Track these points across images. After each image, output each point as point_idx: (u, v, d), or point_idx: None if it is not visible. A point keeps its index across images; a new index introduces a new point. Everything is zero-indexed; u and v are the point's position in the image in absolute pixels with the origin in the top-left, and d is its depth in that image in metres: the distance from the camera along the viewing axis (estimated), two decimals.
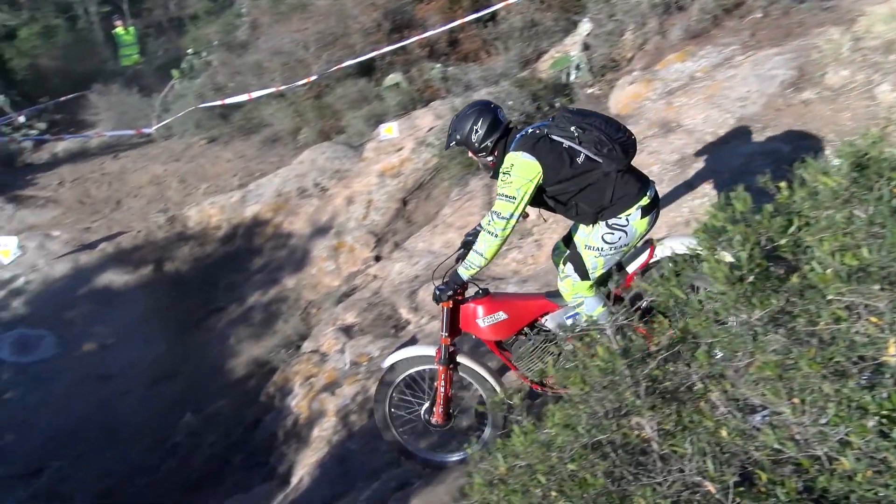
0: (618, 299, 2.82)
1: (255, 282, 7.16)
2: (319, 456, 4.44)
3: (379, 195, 7.04)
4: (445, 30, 8.87)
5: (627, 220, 3.35)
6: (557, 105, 6.67)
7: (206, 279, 7.41)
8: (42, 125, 12.29)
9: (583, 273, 3.41)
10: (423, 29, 9.01)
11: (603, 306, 3.33)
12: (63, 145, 11.76)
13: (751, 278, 1.92)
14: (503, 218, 3.31)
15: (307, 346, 5.73)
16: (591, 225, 3.44)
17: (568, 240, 3.68)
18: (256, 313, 6.80)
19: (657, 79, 5.87)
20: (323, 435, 4.71)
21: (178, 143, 10.53)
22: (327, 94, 9.21)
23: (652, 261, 3.47)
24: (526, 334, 3.61)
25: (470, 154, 3.60)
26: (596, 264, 3.39)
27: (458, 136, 3.52)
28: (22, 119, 12.21)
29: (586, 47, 6.82)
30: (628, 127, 3.47)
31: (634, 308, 2.53)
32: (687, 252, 2.95)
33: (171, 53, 18.06)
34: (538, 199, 3.43)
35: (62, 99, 13.33)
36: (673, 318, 2.27)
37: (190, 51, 12.76)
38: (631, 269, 3.50)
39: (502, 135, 3.47)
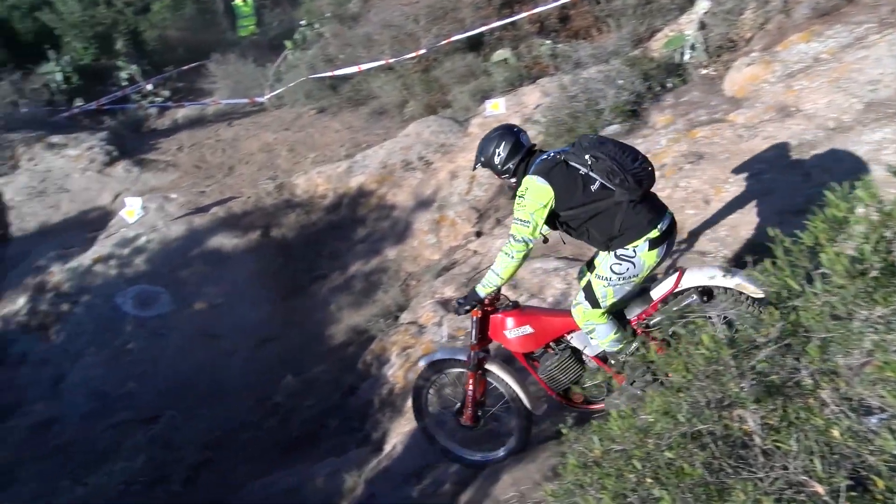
0: (636, 324, 3.39)
1: (358, 251, 7.33)
2: (412, 426, 4.54)
3: (482, 171, 7.03)
4: (556, 5, 8.71)
5: (635, 251, 3.36)
6: (669, 85, 6.46)
7: (310, 246, 7.64)
8: (166, 93, 12.95)
9: (593, 301, 3.45)
10: (534, 4, 8.88)
11: (615, 333, 3.45)
12: (183, 112, 12.36)
13: (874, 273, 1.82)
14: (518, 241, 3.42)
15: (405, 317, 5.84)
16: (604, 253, 3.49)
17: (591, 264, 3.70)
18: (357, 282, 6.98)
19: (777, 60, 5.58)
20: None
21: (289, 113, 10.85)
22: (435, 68, 9.25)
23: (678, 289, 3.44)
24: (552, 349, 3.71)
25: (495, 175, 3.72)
26: (605, 293, 3.42)
27: (483, 158, 3.67)
28: (149, 87, 12.92)
29: (702, 26, 6.56)
30: (647, 157, 3.48)
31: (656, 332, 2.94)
32: (707, 284, 3.31)
33: (285, 25, 18.56)
34: (554, 223, 3.52)
35: (184, 68, 13.98)
36: (784, 310, 2.18)
37: (303, 22, 13.07)
38: (656, 295, 3.51)
39: (523, 158, 3.55)
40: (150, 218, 7.92)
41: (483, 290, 3.61)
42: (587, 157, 3.39)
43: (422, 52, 9.19)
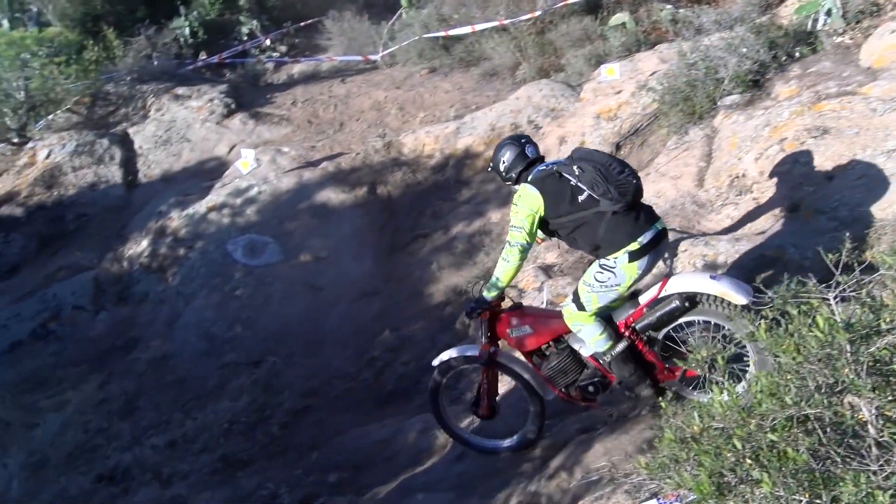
0: (626, 326, 3.64)
1: (461, 212, 7.36)
2: (507, 389, 4.56)
3: (592, 137, 6.89)
4: None
5: (615, 262, 3.54)
6: (797, 55, 6.08)
7: (414, 205, 7.73)
8: (283, 48, 13.32)
9: (579, 305, 3.66)
10: None
11: (601, 334, 3.67)
12: (299, 67, 12.67)
13: None
14: (513, 246, 3.70)
15: None
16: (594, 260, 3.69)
17: None
18: (459, 243, 7.01)
19: None
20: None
21: (401, 71, 10.92)
22: (550, 30, 9.07)
23: (661, 295, 3.60)
24: (553, 348, 3.96)
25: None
26: (589, 299, 3.62)
27: (492, 164, 4.05)
28: (267, 42, 13.32)
29: None
30: (632, 169, 3.66)
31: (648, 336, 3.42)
32: (691, 290, 3.49)
33: None
34: (547, 229, 3.79)
35: (301, 24, 14.29)
36: None
37: None
38: (643, 300, 3.68)
39: (525, 167, 3.82)
40: (262, 170, 8.21)
41: (488, 294, 3.92)
42: (575, 167, 3.60)
43: (538, 13, 9.03)
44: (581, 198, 3.58)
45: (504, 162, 3.93)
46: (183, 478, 4.98)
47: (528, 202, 3.67)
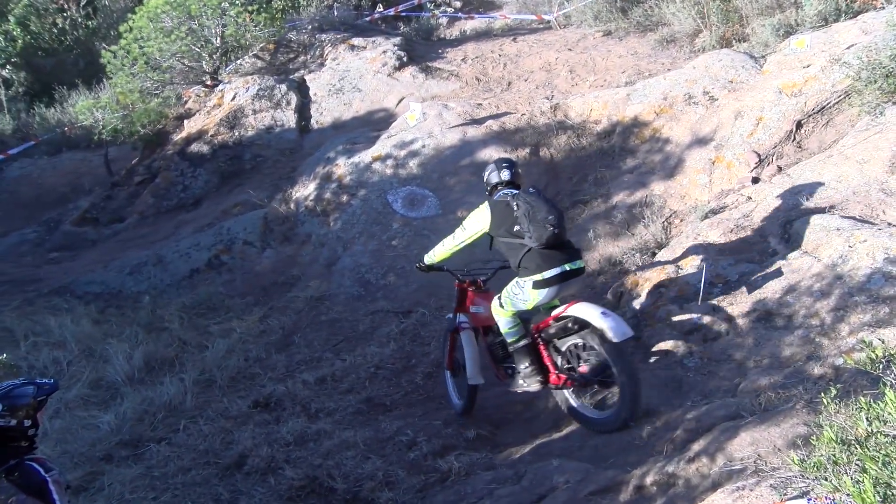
0: (537, 330, 4.54)
1: (623, 182, 7.16)
2: (656, 365, 4.45)
3: (771, 113, 6.45)
4: None
5: (524, 284, 4.41)
6: None
7: (577, 170, 7.60)
8: (458, 3, 13.41)
9: (500, 303, 4.59)
10: None
11: (511, 328, 4.57)
12: (472, 24, 12.71)
13: None
14: (455, 237, 4.83)
15: (663, 255, 5.65)
16: None
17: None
18: (619, 212, 6.84)
19: None
20: (663, 346, 4.68)
21: (574, 33, 10.68)
22: None
23: (563, 314, 4.36)
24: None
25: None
26: (505, 303, 4.56)
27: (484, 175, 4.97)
28: None
29: None
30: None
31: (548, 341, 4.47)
32: (581, 317, 4.24)
33: None
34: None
35: None
36: None
37: None
38: (554, 312, 4.45)
39: (495, 186, 4.75)
40: (428, 124, 8.36)
41: (427, 258, 5.13)
42: (521, 202, 4.43)
43: None
44: (516, 227, 4.43)
45: (486, 179, 4.89)
46: (329, 414, 5.25)
47: (480, 217, 4.65)
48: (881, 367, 2.08)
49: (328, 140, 9.24)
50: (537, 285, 4.34)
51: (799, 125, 6.28)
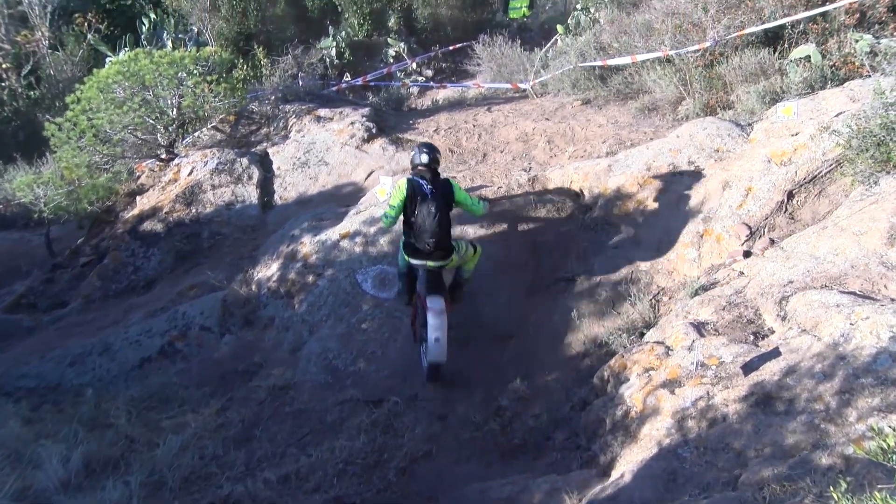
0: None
1: (608, 257, 7.30)
2: (646, 456, 4.46)
3: (761, 183, 6.69)
4: None
5: (402, 250, 6.70)
6: None
7: (558, 245, 7.74)
8: (429, 72, 13.84)
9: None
10: None
11: (399, 287, 7.09)
12: (444, 93, 13.09)
13: None
14: (386, 215, 6.60)
15: (652, 335, 5.74)
16: None
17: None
18: (603, 290, 6.96)
19: None
20: (654, 434, 4.70)
21: (552, 102, 11.04)
22: (720, 63, 8.94)
23: (420, 299, 6.52)
24: None
25: None
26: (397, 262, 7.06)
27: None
28: (414, 65, 13.87)
29: None
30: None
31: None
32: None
33: (558, 8, 18.96)
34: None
35: (450, 48, 14.80)
36: None
37: (579, 6, 13.24)
38: (418, 290, 6.69)
39: (416, 167, 6.67)
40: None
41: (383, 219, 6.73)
42: (422, 208, 6.34)
43: (707, 44, 8.91)
44: (414, 216, 6.36)
45: (410, 159, 6.85)
46: None
47: (398, 191, 6.44)
48: (895, 457, 2.10)
49: (293, 216, 9.34)
50: (411, 258, 6.60)
51: (790, 195, 6.51)
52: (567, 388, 6.10)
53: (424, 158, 6.61)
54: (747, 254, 6.29)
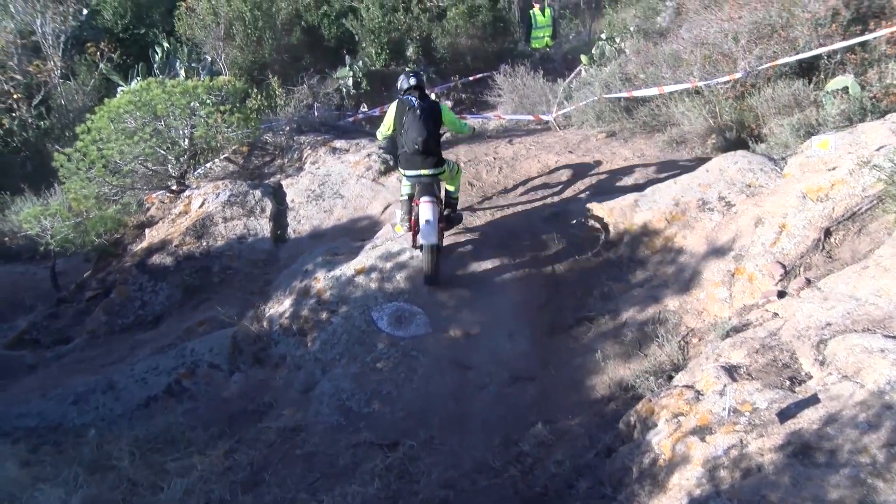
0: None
1: (633, 296, 7.25)
2: None
3: (796, 220, 6.63)
4: None
5: (401, 177, 8.26)
6: None
7: (581, 283, 7.70)
8: (448, 103, 13.96)
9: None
10: None
11: (405, 185, 8.27)
12: None
13: None
14: (380, 131, 8.25)
15: (680, 378, 5.66)
16: None
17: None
18: (629, 331, 6.89)
19: None
20: (684, 484, 4.61)
21: (575, 135, 11.06)
22: (751, 94, 8.93)
23: (416, 201, 7.89)
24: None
25: None
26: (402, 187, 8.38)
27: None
28: (433, 96, 13.96)
29: None
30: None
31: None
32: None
33: (582, 38, 19.13)
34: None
35: (470, 78, 14.91)
36: None
37: (603, 36, 13.34)
38: (414, 199, 8.01)
39: (404, 90, 7.85)
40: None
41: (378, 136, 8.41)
42: (414, 113, 7.57)
43: (738, 75, 8.91)
44: (403, 128, 7.68)
45: (398, 84, 8.01)
46: None
47: (389, 111, 7.96)
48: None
49: (306, 251, 9.36)
50: (407, 178, 8.01)
51: (828, 233, 6.44)
52: (591, 433, 6.01)
53: (413, 81, 7.83)
54: (782, 294, 6.21)
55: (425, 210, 7.62)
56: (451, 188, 8.41)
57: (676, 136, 9.66)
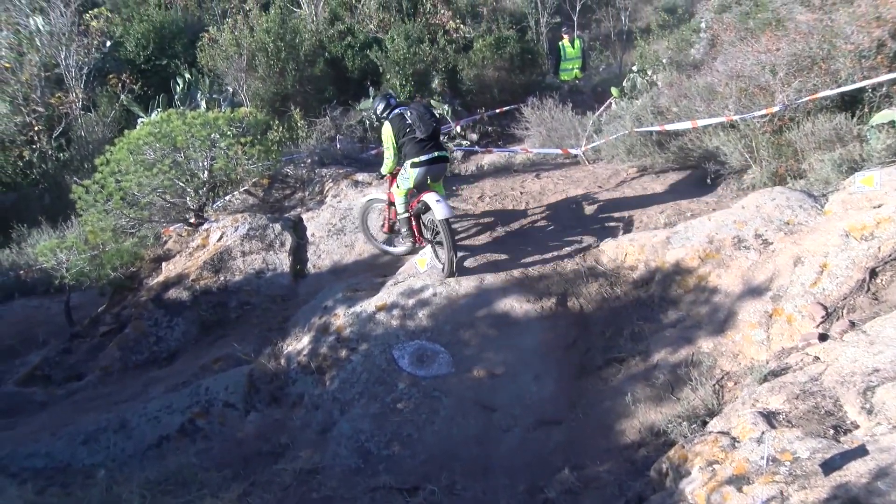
0: (410, 208, 8.96)
1: (665, 337, 7.15)
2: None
3: (838, 259, 6.52)
4: None
5: (406, 167, 8.64)
6: None
7: (610, 323, 7.62)
8: (474, 136, 13.97)
9: (398, 184, 8.96)
10: None
11: (402, 204, 8.97)
12: (489, 158, 13.17)
13: None
14: (388, 157, 8.88)
15: (715, 424, 5.54)
16: None
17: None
18: (660, 373, 6.79)
19: None
20: None
21: (605, 169, 11.04)
22: (790, 129, 8.85)
23: (420, 199, 8.70)
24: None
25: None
26: (399, 183, 8.93)
27: (372, 111, 10.08)
28: (458, 129, 14.03)
29: None
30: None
31: (414, 214, 8.99)
32: (427, 202, 8.53)
33: (612, 70, 19.20)
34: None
35: (497, 111, 14.96)
36: None
37: (634, 67, 13.36)
38: (417, 197, 8.84)
39: (389, 110, 8.91)
40: (437, 270, 8.48)
41: (383, 170, 9.15)
42: (411, 111, 8.60)
43: (776, 109, 8.84)
44: (409, 129, 8.55)
45: (378, 110, 9.04)
46: None
47: (387, 133, 8.74)
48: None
49: (326, 286, 9.36)
50: (416, 165, 8.56)
51: (873, 273, 6.33)
52: (621, 480, 5.90)
53: (392, 101, 9.05)
54: (823, 337, 6.09)
55: (433, 195, 8.45)
56: (441, 188, 9.19)
57: (710, 171, 9.59)
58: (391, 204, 9.33)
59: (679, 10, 20.54)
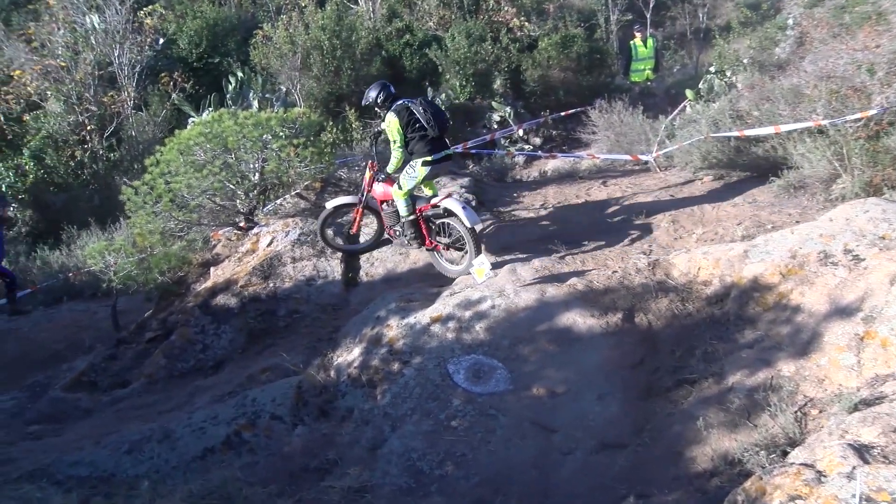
0: (420, 212, 9.30)
1: (741, 358, 6.97)
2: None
3: None
4: None
5: (415, 164, 8.90)
6: None
7: (681, 341, 7.46)
8: (537, 140, 13.91)
9: (399, 186, 9.07)
10: None
11: (405, 208, 9.17)
12: (553, 164, 13.08)
13: None
14: (395, 148, 8.97)
15: (797, 455, 5.35)
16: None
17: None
18: (735, 397, 6.61)
19: None
20: None
21: (678, 176, 10.87)
22: (888, 134, 8.57)
23: (438, 203, 8.98)
24: (390, 205, 9.60)
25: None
26: (403, 183, 9.05)
27: (367, 100, 9.34)
28: (520, 132, 13.97)
29: None
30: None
31: (426, 219, 9.26)
32: (448, 206, 8.90)
33: (688, 71, 18.94)
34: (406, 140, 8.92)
35: (562, 114, 14.86)
36: None
37: (712, 68, 13.15)
38: (432, 201, 9.10)
39: (390, 100, 9.12)
40: (499, 280, 8.42)
41: (390, 168, 9.15)
42: (420, 107, 8.78)
43: (872, 112, 8.58)
44: (417, 125, 8.74)
45: (379, 98, 9.15)
46: None
47: (395, 125, 8.80)
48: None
49: (379, 296, 9.36)
50: (426, 164, 8.86)
51: None
52: None
53: (392, 91, 9.30)
54: None
55: (455, 199, 8.98)
56: (430, 192, 9.70)
57: (794, 180, 9.36)
58: (384, 202, 9.70)
59: (763, 6, 20.14)
